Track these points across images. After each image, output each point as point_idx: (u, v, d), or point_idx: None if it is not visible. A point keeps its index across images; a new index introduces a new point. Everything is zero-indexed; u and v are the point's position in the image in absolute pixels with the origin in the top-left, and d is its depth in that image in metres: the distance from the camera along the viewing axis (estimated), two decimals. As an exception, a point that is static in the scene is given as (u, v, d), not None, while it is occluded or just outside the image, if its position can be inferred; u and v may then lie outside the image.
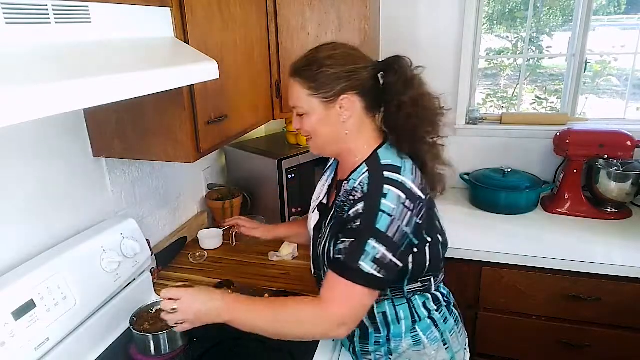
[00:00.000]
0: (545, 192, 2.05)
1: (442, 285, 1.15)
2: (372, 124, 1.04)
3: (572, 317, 1.66)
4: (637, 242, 1.68)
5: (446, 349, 1.09)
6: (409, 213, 0.92)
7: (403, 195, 0.92)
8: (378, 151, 1.01)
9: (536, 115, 2.24)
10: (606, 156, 1.89)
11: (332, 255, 0.99)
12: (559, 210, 1.96)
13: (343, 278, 0.91)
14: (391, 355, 1.07)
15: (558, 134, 1.98)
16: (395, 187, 0.92)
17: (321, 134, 1.03)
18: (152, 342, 1.11)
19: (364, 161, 1.01)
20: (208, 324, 0.96)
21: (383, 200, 0.91)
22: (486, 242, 1.71)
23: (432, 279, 1.08)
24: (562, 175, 2.00)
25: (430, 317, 1.07)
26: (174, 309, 0.95)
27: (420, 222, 0.96)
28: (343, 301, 0.92)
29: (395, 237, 0.91)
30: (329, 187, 1.16)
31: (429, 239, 1.01)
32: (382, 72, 1.02)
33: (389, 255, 0.91)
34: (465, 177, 2.13)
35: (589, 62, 2.06)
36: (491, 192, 1.99)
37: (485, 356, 1.82)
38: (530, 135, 2.11)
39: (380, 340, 1.07)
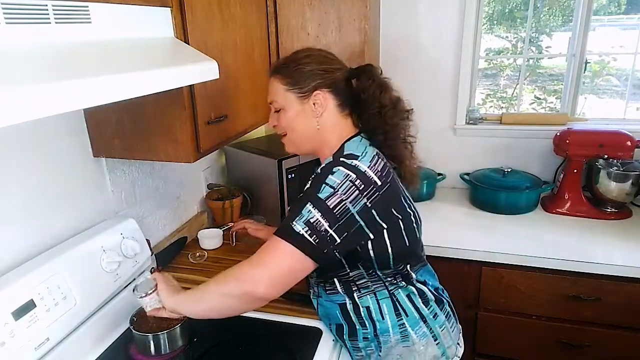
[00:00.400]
0: (545, 192, 2.05)
1: (430, 280, 1.16)
2: (346, 122, 1.10)
3: (572, 317, 1.66)
4: (637, 242, 1.68)
5: (437, 344, 1.10)
6: (356, 192, 0.95)
7: (353, 175, 0.96)
8: (345, 143, 1.06)
9: (536, 115, 2.24)
10: (606, 156, 1.89)
11: None
12: (559, 210, 1.96)
13: (275, 236, 0.96)
14: (381, 350, 1.08)
15: (558, 134, 1.98)
16: (345, 168, 0.97)
17: (296, 129, 1.09)
18: (152, 342, 1.10)
19: (333, 154, 1.06)
20: (208, 324, 0.98)
21: (330, 176, 0.97)
22: (486, 242, 1.71)
23: (409, 267, 1.09)
24: (562, 175, 2.01)
25: (418, 313, 1.08)
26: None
27: (370, 205, 0.97)
28: (267, 256, 0.95)
29: (335, 210, 0.94)
30: None
31: (385, 225, 1.01)
32: (355, 78, 1.09)
33: (324, 223, 0.93)
34: (465, 177, 2.13)
35: (589, 62, 2.06)
36: (491, 192, 1.99)
37: (485, 356, 1.82)
38: (530, 135, 2.11)
39: (368, 336, 1.08)
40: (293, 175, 1.80)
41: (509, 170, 2.03)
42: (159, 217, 1.61)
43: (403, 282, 1.09)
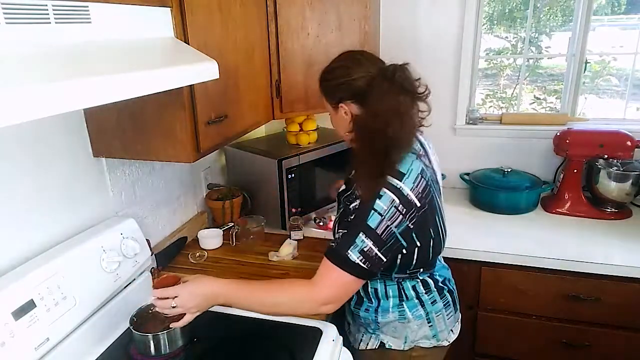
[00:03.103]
0: (545, 192, 2.05)
1: (437, 273, 1.24)
2: None
3: (572, 317, 1.66)
4: (637, 242, 1.68)
5: (430, 326, 1.21)
6: (400, 216, 1.02)
7: (397, 200, 1.02)
8: None
9: (536, 115, 2.24)
10: (606, 156, 1.89)
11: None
12: (559, 210, 1.96)
13: (332, 263, 1.04)
14: (379, 322, 1.21)
15: (558, 134, 1.98)
16: (391, 191, 1.02)
17: (340, 131, 1.19)
18: (152, 342, 1.10)
19: None
20: (208, 324, 1.01)
21: (377, 201, 1.02)
22: (486, 242, 1.71)
23: (422, 270, 1.19)
24: (562, 175, 2.00)
25: (418, 298, 1.19)
26: (174, 307, 1.03)
27: (412, 226, 1.05)
28: (329, 284, 1.05)
29: (382, 235, 1.02)
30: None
31: (419, 244, 1.11)
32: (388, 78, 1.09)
33: (375, 250, 1.02)
34: (465, 177, 2.13)
35: (589, 62, 2.06)
36: (491, 192, 1.99)
37: (485, 356, 1.82)
38: (530, 135, 2.11)
39: (370, 309, 1.22)
40: (293, 175, 1.79)
41: (509, 170, 2.03)
42: (159, 217, 1.61)
43: (409, 277, 1.19)
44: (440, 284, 1.23)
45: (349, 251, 1.02)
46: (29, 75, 0.64)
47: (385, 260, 1.04)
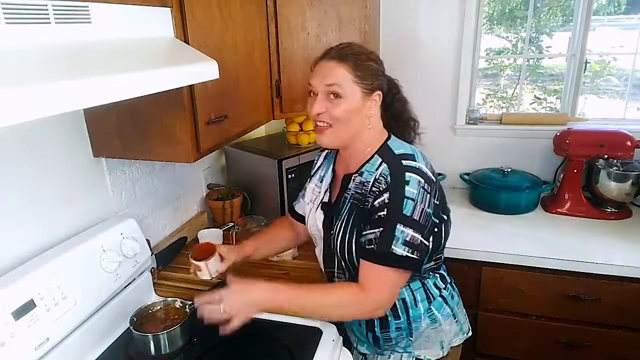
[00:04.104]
0: (545, 192, 2.05)
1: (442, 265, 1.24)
2: (380, 119, 1.13)
3: (572, 317, 1.66)
4: (637, 242, 1.68)
5: (456, 322, 1.20)
6: (428, 195, 1.01)
7: (422, 180, 1.01)
8: (388, 142, 1.09)
9: (536, 115, 2.24)
10: (606, 156, 1.89)
11: (360, 246, 1.05)
12: (559, 210, 1.96)
13: (378, 265, 1.00)
14: (412, 336, 1.15)
15: (558, 134, 1.98)
16: (415, 173, 1.01)
17: (350, 123, 1.05)
18: (152, 342, 1.11)
19: (375, 152, 1.07)
20: (208, 323, 1.00)
21: (407, 187, 0.99)
22: (486, 242, 1.71)
23: (442, 257, 1.19)
24: (562, 175, 2.00)
25: (440, 296, 1.17)
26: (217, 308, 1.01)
27: (437, 202, 1.05)
28: (380, 286, 1.01)
29: (420, 219, 1.00)
30: (330, 184, 1.20)
31: (445, 217, 1.10)
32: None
33: (418, 237, 1.00)
34: (465, 177, 2.13)
35: (589, 62, 2.06)
36: (491, 192, 1.99)
37: (485, 356, 1.82)
38: (530, 135, 2.11)
39: (402, 326, 1.15)
40: (293, 175, 1.79)
41: (509, 170, 2.03)
42: (159, 217, 1.61)
43: (431, 273, 1.18)
44: (447, 277, 1.24)
45: (392, 247, 0.98)
46: (29, 75, 0.64)
47: (428, 244, 1.03)
